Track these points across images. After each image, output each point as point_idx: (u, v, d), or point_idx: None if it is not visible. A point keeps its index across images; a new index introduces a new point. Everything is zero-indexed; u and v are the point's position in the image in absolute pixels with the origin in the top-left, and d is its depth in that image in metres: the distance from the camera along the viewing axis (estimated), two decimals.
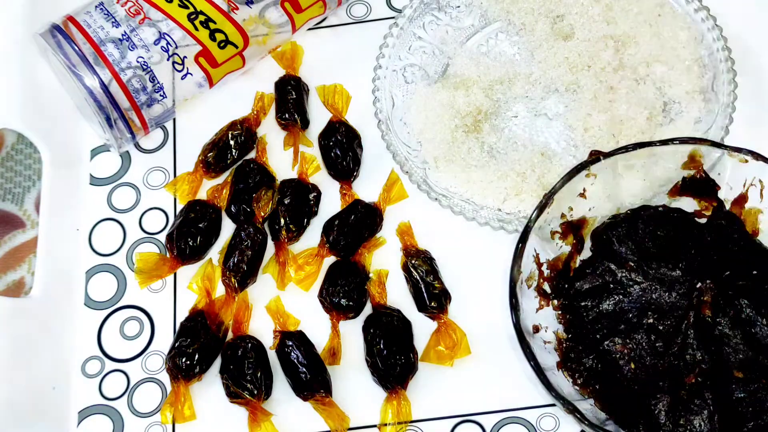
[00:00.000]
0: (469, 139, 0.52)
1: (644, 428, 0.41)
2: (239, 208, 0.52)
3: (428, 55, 0.56)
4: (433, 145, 0.52)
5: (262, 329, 0.49)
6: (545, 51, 0.54)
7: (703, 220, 0.46)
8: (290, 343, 0.47)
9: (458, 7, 0.56)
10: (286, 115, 0.54)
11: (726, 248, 0.44)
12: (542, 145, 0.52)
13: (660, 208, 0.46)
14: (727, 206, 0.46)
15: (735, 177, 0.45)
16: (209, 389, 0.48)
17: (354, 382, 0.47)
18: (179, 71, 0.52)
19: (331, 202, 0.52)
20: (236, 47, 0.53)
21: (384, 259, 0.50)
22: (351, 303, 0.48)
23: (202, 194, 0.53)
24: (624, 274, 0.44)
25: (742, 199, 0.45)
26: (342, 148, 0.53)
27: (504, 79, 0.54)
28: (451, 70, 0.55)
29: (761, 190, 0.44)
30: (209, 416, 0.47)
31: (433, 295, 0.48)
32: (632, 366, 0.42)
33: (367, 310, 0.49)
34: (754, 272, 0.43)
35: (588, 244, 0.47)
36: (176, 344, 0.48)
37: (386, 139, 0.52)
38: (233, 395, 0.46)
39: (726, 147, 0.44)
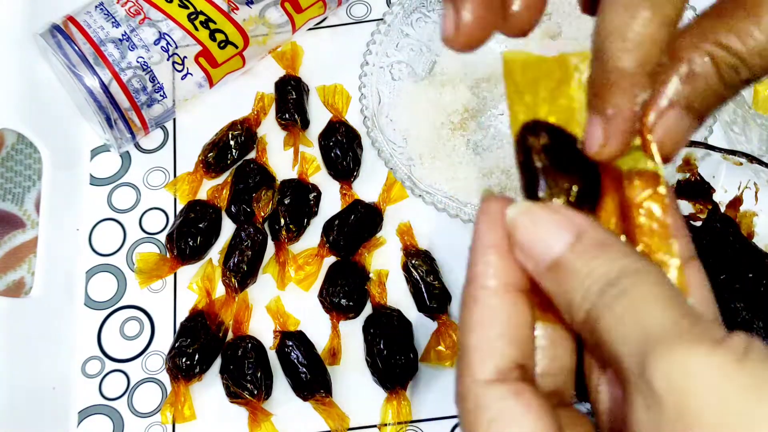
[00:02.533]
0: (455, 137, 0.52)
1: None
2: (239, 208, 0.52)
3: (416, 52, 0.55)
4: (419, 141, 0.52)
5: (262, 329, 0.49)
6: (532, 49, 0.54)
7: (698, 224, 0.47)
8: (290, 343, 0.47)
9: None
10: (286, 115, 0.54)
11: (721, 251, 0.45)
12: None
13: None
14: (722, 209, 0.46)
15: (729, 180, 0.45)
16: (209, 389, 0.48)
17: (354, 382, 0.48)
18: (179, 71, 0.52)
19: (331, 202, 0.53)
20: (236, 47, 0.54)
21: (384, 259, 0.51)
22: (351, 303, 0.49)
23: (202, 194, 0.53)
24: None
25: (736, 201, 0.46)
26: (342, 148, 0.53)
27: (490, 76, 0.54)
28: (438, 67, 0.55)
29: (756, 193, 0.45)
30: (209, 416, 0.48)
31: (433, 295, 0.48)
32: None
33: (367, 310, 0.49)
34: (750, 275, 0.43)
35: None
36: (176, 344, 0.48)
37: (372, 135, 0.52)
38: (233, 395, 0.47)
39: (721, 150, 0.44)
